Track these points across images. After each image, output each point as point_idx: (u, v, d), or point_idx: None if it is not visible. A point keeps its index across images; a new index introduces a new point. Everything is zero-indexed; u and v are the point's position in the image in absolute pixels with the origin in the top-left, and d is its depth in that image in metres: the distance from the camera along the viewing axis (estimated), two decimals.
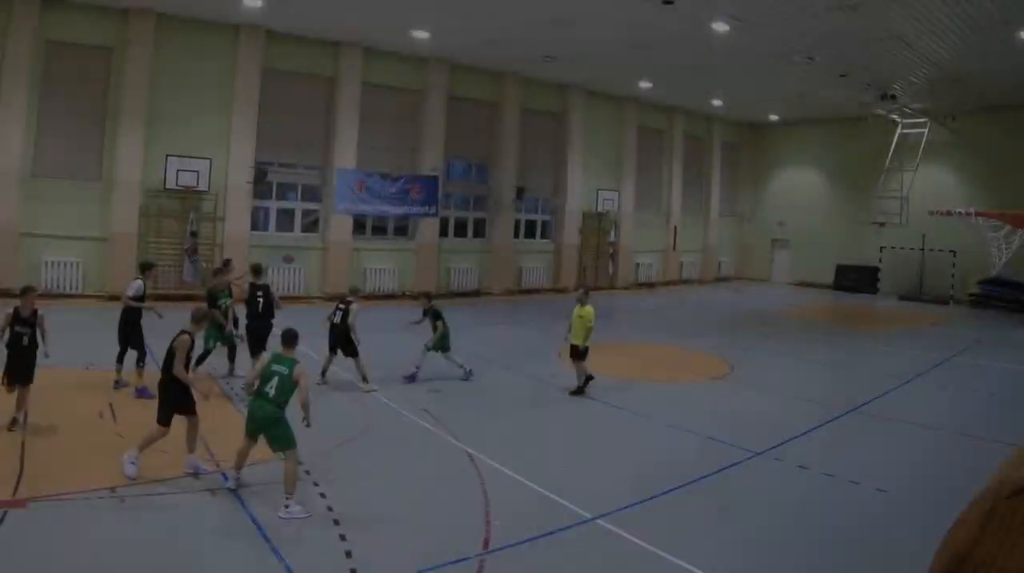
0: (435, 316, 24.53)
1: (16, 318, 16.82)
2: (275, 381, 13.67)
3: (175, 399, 15.08)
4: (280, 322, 18.92)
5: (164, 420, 14.90)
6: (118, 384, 20.84)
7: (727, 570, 12.27)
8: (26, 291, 16.65)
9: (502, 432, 19.59)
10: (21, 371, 16.80)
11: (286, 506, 13.13)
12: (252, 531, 12.64)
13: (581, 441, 19.24)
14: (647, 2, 32.12)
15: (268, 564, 11.69)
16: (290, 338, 14.63)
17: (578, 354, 23.41)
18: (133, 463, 14.51)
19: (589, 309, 23.46)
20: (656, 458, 17.87)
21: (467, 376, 24.73)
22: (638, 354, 31.50)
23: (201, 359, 21.32)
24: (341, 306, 23.40)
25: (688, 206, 63.88)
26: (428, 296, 25.97)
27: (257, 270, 24.12)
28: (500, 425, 20.29)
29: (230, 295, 23.71)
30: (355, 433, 18.52)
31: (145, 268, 22.59)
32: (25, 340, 16.84)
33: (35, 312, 17.12)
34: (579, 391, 23.47)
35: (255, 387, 13.94)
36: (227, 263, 26.37)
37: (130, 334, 21.01)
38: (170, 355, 15.11)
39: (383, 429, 19.28)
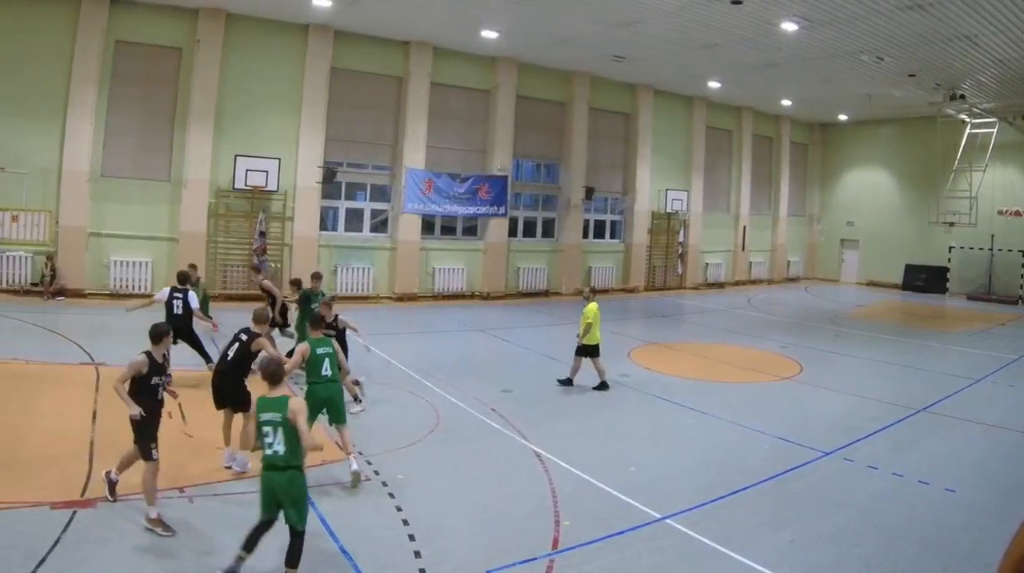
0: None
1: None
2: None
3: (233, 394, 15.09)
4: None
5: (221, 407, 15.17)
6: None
7: (796, 570, 11.95)
8: (160, 336, 14.80)
9: (571, 431, 19.17)
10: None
11: None
12: (321, 531, 12.37)
13: (650, 441, 18.74)
14: (716, 2, 31.36)
15: (338, 564, 11.47)
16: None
17: (587, 351, 23.25)
18: (235, 459, 14.82)
19: (591, 306, 23.28)
20: (725, 458, 17.43)
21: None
22: (707, 354, 30.80)
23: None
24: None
25: (757, 206, 62.48)
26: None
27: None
28: (569, 425, 19.81)
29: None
30: (424, 433, 18.13)
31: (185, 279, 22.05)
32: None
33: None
34: (603, 386, 23.23)
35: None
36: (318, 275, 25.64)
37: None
38: (244, 353, 15.15)
39: (452, 429, 18.84)
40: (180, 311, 21.27)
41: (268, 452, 10.83)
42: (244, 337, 15.53)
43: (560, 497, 14.40)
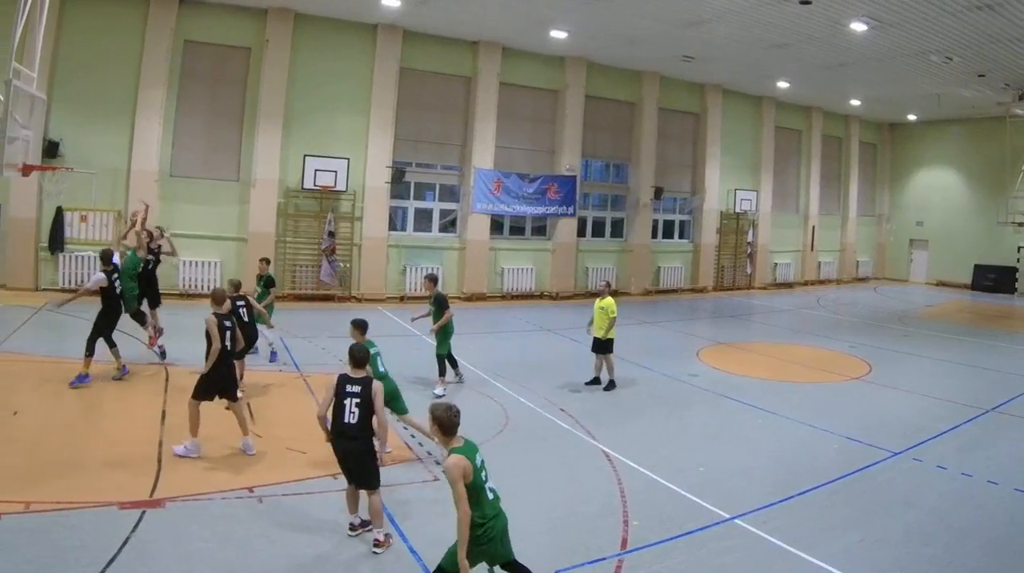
0: None
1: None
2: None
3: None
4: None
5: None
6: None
7: (865, 570, 11.69)
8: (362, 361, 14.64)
9: (640, 431, 18.97)
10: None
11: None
12: (390, 531, 12.18)
13: (719, 440, 18.37)
14: (785, 2, 30.81)
15: (405, 563, 11.33)
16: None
17: (602, 346, 22.81)
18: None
19: (610, 300, 22.79)
20: (794, 458, 17.15)
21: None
22: (776, 354, 30.34)
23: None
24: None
25: (826, 206, 60.75)
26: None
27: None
28: (638, 424, 19.60)
29: None
30: (493, 433, 17.82)
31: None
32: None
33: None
34: (611, 384, 22.75)
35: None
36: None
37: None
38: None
39: (521, 428, 18.61)
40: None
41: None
42: (228, 323, 15.88)
43: (629, 497, 14.21)
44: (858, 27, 33.39)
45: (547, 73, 44.20)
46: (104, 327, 20.24)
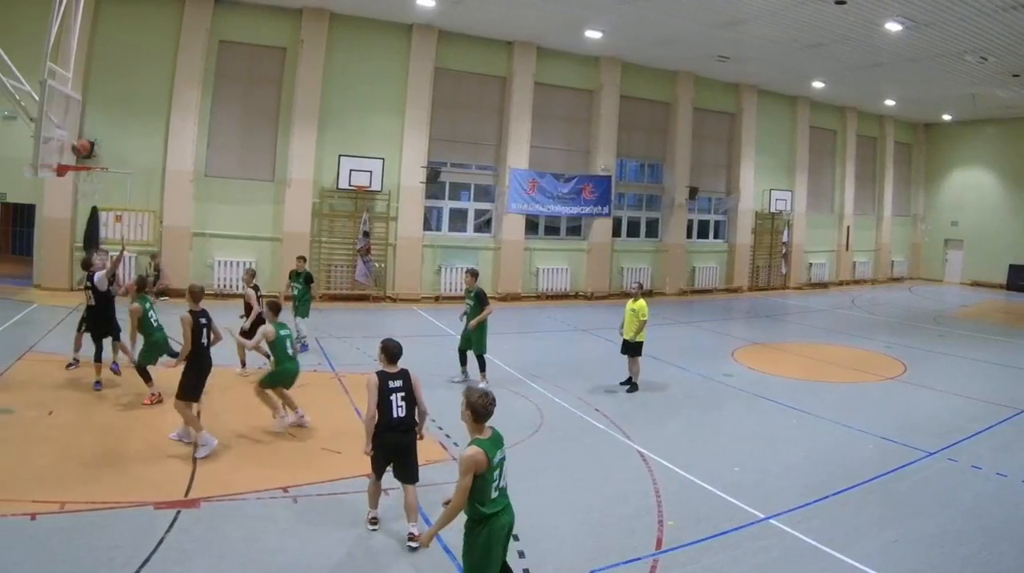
0: None
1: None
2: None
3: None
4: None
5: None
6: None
7: (900, 570, 11.60)
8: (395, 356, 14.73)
9: (675, 432, 18.79)
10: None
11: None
12: (424, 530, 11.58)
13: (753, 440, 18.15)
14: (820, 2, 30.49)
15: (439, 563, 11.26)
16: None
17: (631, 349, 22.31)
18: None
19: (642, 303, 22.19)
20: (829, 458, 16.94)
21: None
22: (811, 354, 29.94)
23: None
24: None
25: (860, 206, 60.02)
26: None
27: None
28: (672, 425, 19.41)
29: None
30: (528, 433, 17.74)
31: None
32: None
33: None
34: (633, 387, 22.34)
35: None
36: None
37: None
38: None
39: (556, 428, 18.37)
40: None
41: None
42: (204, 320, 15.92)
43: (664, 497, 14.09)
44: (893, 27, 32.96)
45: (582, 73, 43.66)
46: (92, 326, 19.83)
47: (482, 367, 21.89)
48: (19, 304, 29.16)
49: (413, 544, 11.63)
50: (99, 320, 19.54)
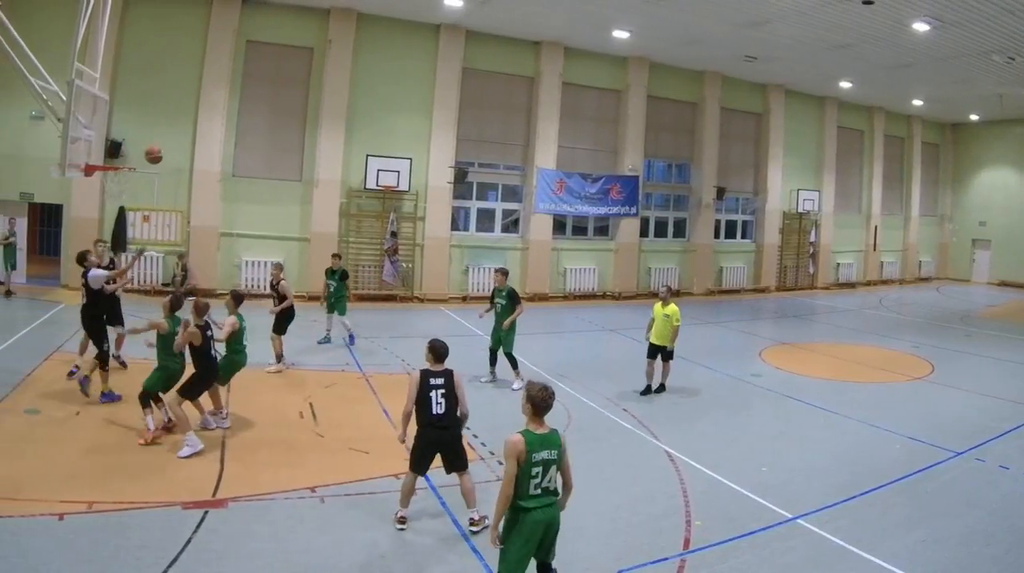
0: None
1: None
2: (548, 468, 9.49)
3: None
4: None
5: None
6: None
7: (927, 570, 11.51)
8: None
9: (702, 432, 18.63)
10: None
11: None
12: (452, 531, 12.22)
13: (781, 440, 18.05)
14: (847, 2, 30.17)
15: (469, 563, 11.23)
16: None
17: (667, 354, 21.70)
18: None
19: (674, 307, 21.49)
20: (856, 458, 16.78)
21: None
22: (839, 354, 29.60)
23: None
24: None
25: (888, 206, 59.25)
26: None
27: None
28: (700, 425, 19.25)
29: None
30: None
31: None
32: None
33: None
34: (661, 388, 21.82)
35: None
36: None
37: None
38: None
39: (584, 428, 18.12)
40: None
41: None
42: (209, 333, 16.09)
43: (691, 497, 14.02)
44: (920, 27, 32.57)
45: (609, 73, 43.24)
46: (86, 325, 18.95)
47: (514, 366, 21.80)
48: (46, 304, 29.09)
49: (475, 528, 12.00)
50: (92, 317, 18.67)
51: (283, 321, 22.38)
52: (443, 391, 12.20)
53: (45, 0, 30.13)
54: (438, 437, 12.18)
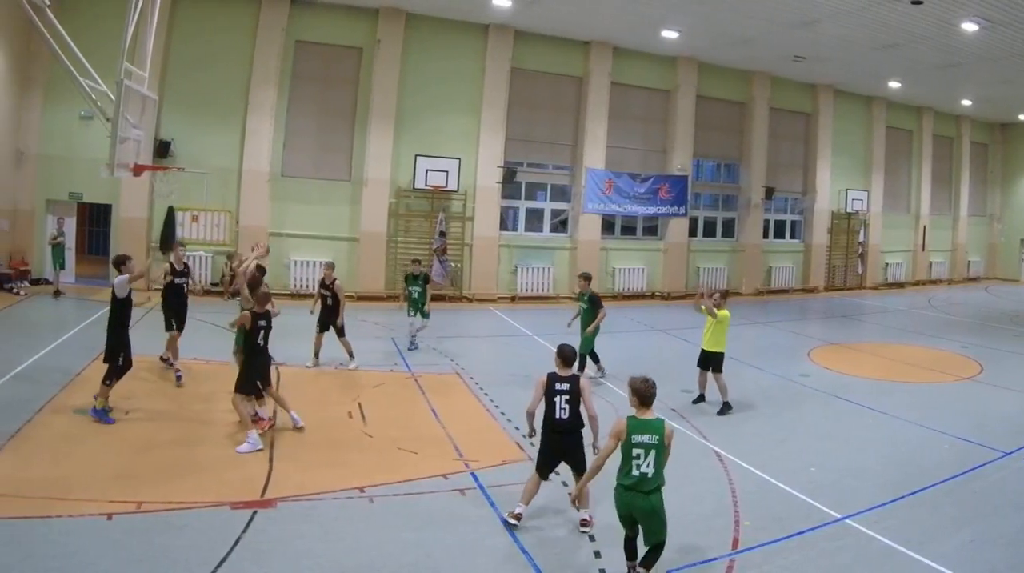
0: None
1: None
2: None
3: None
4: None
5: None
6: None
7: (976, 570, 11.33)
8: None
9: (751, 432, 18.32)
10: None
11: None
12: (501, 530, 12.02)
13: (830, 440, 17.77)
14: (896, 1, 29.80)
15: (518, 563, 11.11)
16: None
17: (716, 363, 20.22)
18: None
19: (725, 312, 20.26)
20: (905, 458, 16.61)
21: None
22: (887, 354, 29.15)
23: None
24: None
25: (937, 206, 58.52)
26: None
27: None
28: (749, 425, 18.92)
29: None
30: (604, 433, 16.74)
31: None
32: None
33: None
34: (725, 406, 19.98)
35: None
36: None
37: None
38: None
39: None
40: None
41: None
42: (262, 322, 15.88)
43: (740, 497, 13.84)
44: (969, 27, 32.10)
45: (658, 73, 42.54)
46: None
47: (581, 365, 21.58)
48: (95, 304, 28.74)
49: (585, 529, 12.01)
50: (115, 326, 17.11)
51: (333, 319, 22.01)
52: (567, 397, 12.16)
53: (94, 0, 30.03)
54: (561, 442, 12.21)
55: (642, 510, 10.11)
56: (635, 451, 10.06)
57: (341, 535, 11.58)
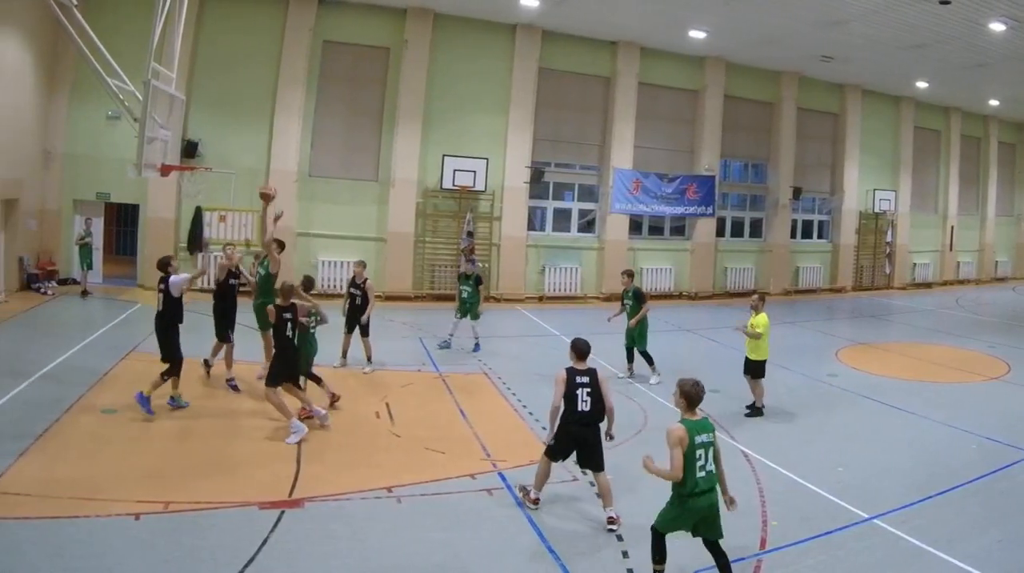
0: None
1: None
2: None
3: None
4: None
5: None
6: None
7: (1003, 570, 11.29)
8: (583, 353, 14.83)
9: (779, 432, 18.39)
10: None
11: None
12: (529, 532, 12.06)
13: (857, 441, 17.76)
14: (924, 1, 29.69)
15: (545, 562, 11.15)
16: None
17: (758, 370, 19.65)
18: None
19: (762, 318, 19.74)
20: (933, 458, 16.61)
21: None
22: (915, 354, 29.10)
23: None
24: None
25: (964, 206, 57.91)
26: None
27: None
28: (777, 425, 18.97)
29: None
30: (632, 433, 17.32)
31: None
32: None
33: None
34: (756, 411, 19.76)
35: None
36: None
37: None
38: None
39: (660, 429, 16.20)
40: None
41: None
42: (287, 315, 15.98)
43: (768, 497, 13.87)
44: (997, 27, 31.90)
45: (686, 73, 42.19)
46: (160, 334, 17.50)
47: (649, 362, 22.38)
48: (123, 304, 29.01)
49: (613, 527, 12.04)
50: (167, 326, 17.22)
51: (359, 319, 21.81)
52: (588, 389, 12.34)
53: (121, 1, 30.01)
54: (581, 433, 12.38)
55: (709, 508, 10.24)
56: (698, 453, 10.14)
57: (369, 535, 11.59)
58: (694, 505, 10.15)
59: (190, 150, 30.90)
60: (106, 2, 30.10)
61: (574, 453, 12.71)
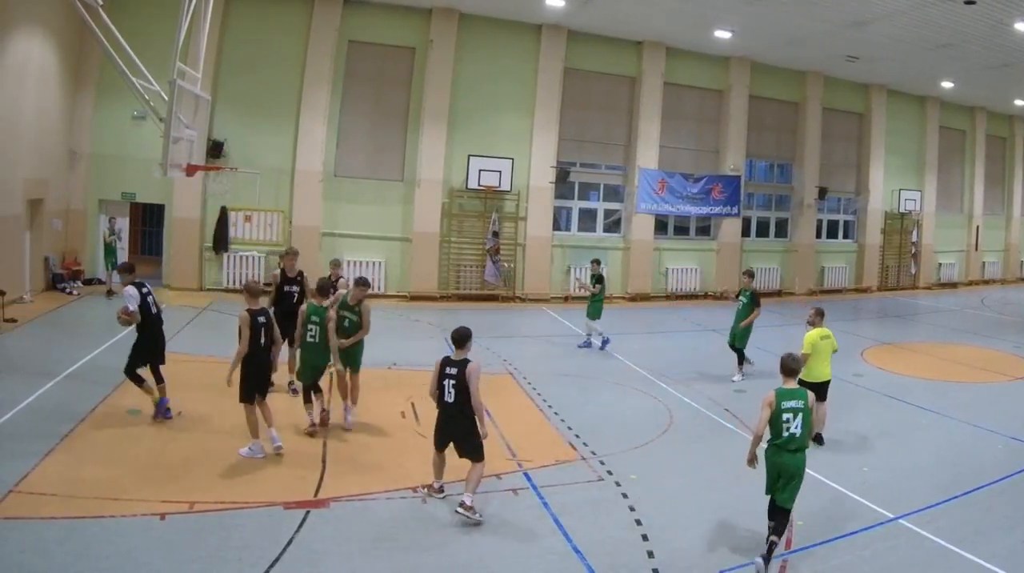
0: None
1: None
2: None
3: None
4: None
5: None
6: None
7: None
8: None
9: None
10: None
11: None
12: (554, 530, 12.07)
13: (883, 441, 17.75)
14: (949, 1, 29.37)
15: (571, 563, 11.10)
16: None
17: (817, 392, 15.35)
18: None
19: (814, 333, 17.13)
20: (958, 458, 16.59)
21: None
22: (941, 354, 29.03)
23: None
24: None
25: (990, 206, 57.40)
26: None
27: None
28: None
29: None
30: (657, 433, 17.47)
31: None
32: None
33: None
34: (818, 439, 16.43)
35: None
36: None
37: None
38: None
39: (685, 428, 18.06)
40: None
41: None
42: (262, 319, 15.25)
43: None
44: (1022, 27, 31.66)
45: (711, 73, 41.80)
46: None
47: (740, 360, 22.94)
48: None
49: (461, 511, 12.16)
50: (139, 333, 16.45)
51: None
52: (454, 382, 12.38)
53: (147, 1, 29.99)
54: (448, 424, 12.77)
55: (788, 467, 11.18)
56: (784, 416, 11.23)
57: (394, 536, 11.61)
58: (778, 458, 11.23)
59: (215, 150, 30.85)
60: (132, 2, 29.88)
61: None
